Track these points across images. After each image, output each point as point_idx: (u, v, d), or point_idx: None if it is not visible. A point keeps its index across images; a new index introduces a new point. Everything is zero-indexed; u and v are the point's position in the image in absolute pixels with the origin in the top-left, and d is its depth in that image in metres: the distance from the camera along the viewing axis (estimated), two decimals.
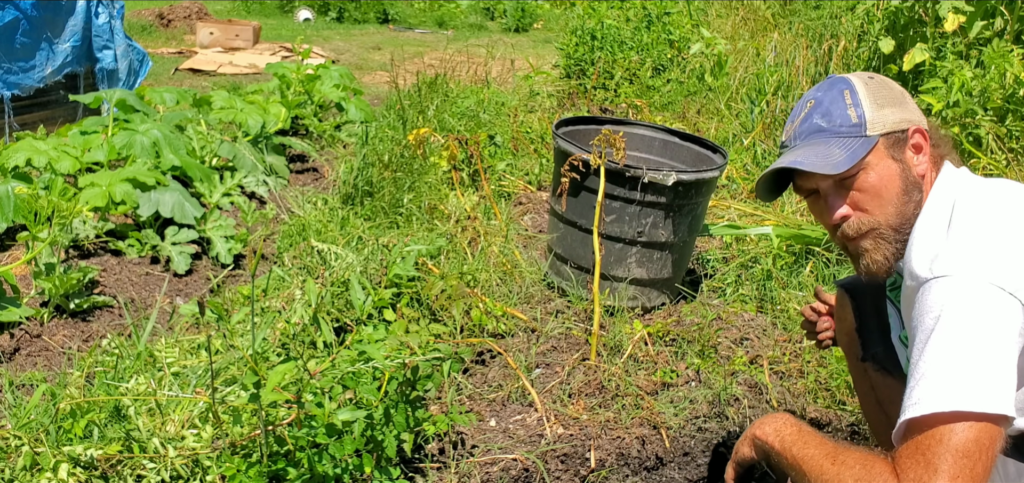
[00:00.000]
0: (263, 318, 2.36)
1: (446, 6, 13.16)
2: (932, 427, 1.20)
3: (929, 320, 1.26)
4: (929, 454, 1.18)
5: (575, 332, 2.75)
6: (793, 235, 3.23)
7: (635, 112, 5.43)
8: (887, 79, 1.53)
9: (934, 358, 1.23)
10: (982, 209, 1.37)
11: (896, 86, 1.52)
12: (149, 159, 3.45)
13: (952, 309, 1.24)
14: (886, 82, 1.52)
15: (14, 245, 3.13)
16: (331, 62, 6.40)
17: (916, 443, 1.21)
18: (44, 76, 4.59)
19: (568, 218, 2.95)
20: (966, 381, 1.20)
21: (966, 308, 1.24)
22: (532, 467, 2.07)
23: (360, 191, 3.62)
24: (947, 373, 1.21)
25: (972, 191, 1.42)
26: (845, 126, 1.47)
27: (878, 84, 1.50)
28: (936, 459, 1.18)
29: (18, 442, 1.67)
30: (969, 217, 1.35)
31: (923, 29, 4.49)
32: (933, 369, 1.23)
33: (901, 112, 1.47)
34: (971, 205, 1.38)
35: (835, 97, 1.50)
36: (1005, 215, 1.34)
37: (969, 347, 1.22)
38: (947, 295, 1.26)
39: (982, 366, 1.20)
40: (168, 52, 8.54)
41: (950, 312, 1.24)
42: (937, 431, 1.19)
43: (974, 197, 1.40)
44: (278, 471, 1.65)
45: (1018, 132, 3.68)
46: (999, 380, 1.20)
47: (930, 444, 1.19)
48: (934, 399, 1.20)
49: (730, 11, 7.66)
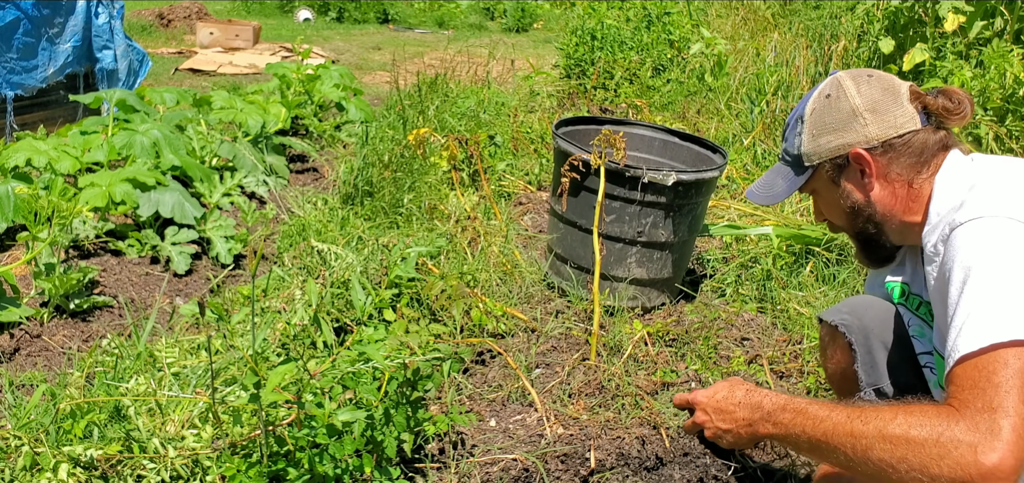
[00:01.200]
0: (263, 318, 2.36)
1: (446, 6, 13.17)
2: (985, 362, 1.16)
3: (963, 261, 1.26)
4: (989, 385, 1.14)
5: (575, 332, 2.75)
6: (793, 235, 3.23)
7: (635, 112, 5.43)
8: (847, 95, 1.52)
9: (975, 296, 1.22)
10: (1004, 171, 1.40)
11: (849, 105, 1.51)
12: (149, 159, 3.45)
13: (986, 246, 1.25)
14: (840, 101, 1.53)
15: (14, 245, 3.13)
16: (331, 62, 6.40)
17: (971, 379, 1.16)
18: (46, 76, 4.60)
19: (568, 218, 2.95)
20: (1013, 311, 1.17)
21: (1000, 243, 1.24)
22: (532, 467, 2.07)
23: (360, 191, 3.62)
24: (992, 307, 1.19)
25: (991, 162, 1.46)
26: (791, 155, 1.62)
27: (824, 107, 1.55)
28: (1000, 388, 1.13)
29: (18, 442, 1.67)
30: (992, 177, 1.39)
31: (923, 29, 4.49)
32: (977, 306, 1.20)
33: (841, 137, 1.52)
34: (993, 170, 1.41)
35: (792, 123, 1.62)
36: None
37: (1010, 278, 1.21)
38: (979, 235, 1.27)
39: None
40: (168, 52, 8.54)
41: (984, 249, 1.25)
42: (992, 363, 1.15)
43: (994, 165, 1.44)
44: (278, 471, 1.65)
45: (1018, 132, 3.68)
46: None
47: (988, 375, 1.15)
48: (983, 333, 1.17)
49: (730, 11, 7.66)
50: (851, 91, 1.52)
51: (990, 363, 1.15)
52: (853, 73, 1.57)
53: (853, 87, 1.52)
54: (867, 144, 1.49)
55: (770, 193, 1.63)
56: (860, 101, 1.51)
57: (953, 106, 1.47)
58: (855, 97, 1.51)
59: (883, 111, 1.50)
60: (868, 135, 1.49)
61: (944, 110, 1.48)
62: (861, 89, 1.52)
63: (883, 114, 1.49)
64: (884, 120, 1.49)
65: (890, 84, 1.52)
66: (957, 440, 1.13)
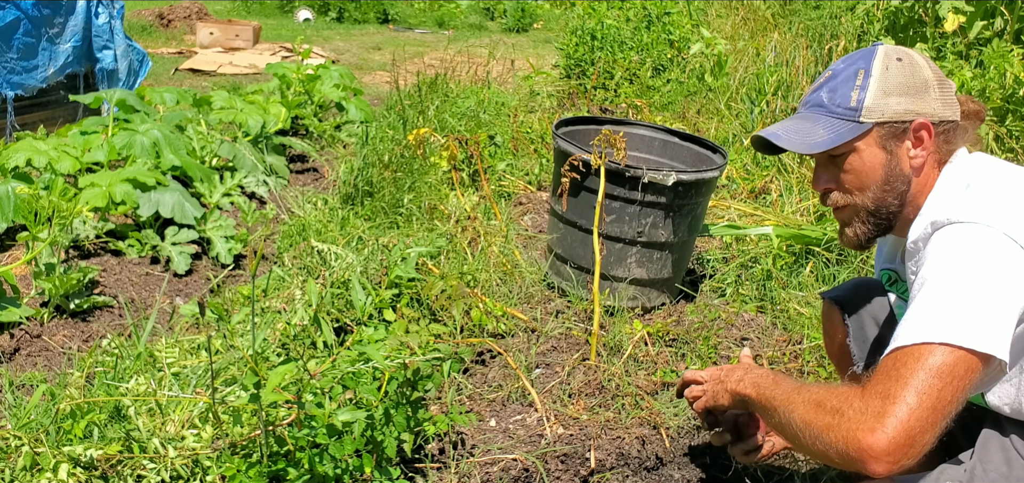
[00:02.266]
0: (263, 318, 2.36)
1: (446, 6, 13.16)
2: (904, 355, 1.23)
3: (934, 260, 1.29)
4: (897, 375, 1.21)
5: (575, 332, 2.75)
6: (793, 235, 3.23)
7: (635, 112, 5.43)
8: (920, 63, 1.50)
9: (926, 297, 1.27)
10: (1001, 177, 1.40)
11: (924, 73, 1.49)
12: (149, 159, 3.45)
13: (960, 249, 1.27)
14: (914, 66, 1.49)
15: (14, 245, 3.13)
16: (331, 62, 6.40)
17: (887, 368, 1.24)
18: (46, 76, 4.60)
19: (568, 218, 2.95)
20: (958, 316, 1.22)
21: (974, 249, 1.27)
22: (532, 467, 2.07)
23: (360, 191, 3.62)
24: (933, 309, 1.24)
25: (991, 165, 1.46)
26: (842, 107, 1.50)
27: (901, 68, 1.49)
28: (903, 379, 1.20)
29: (18, 442, 1.67)
30: (987, 182, 1.39)
31: (923, 29, 4.49)
32: (922, 307, 1.26)
33: (911, 103, 1.47)
34: (990, 174, 1.42)
35: (849, 76, 1.51)
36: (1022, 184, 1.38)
37: (969, 285, 1.24)
38: (958, 237, 1.29)
39: (978, 304, 1.23)
40: (168, 52, 8.54)
41: (957, 252, 1.27)
42: (908, 356, 1.22)
43: (993, 169, 1.44)
44: (278, 471, 1.65)
45: (1018, 132, 3.68)
46: (994, 320, 1.22)
47: (900, 366, 1.22)
48: (922, 330, 1.23)
49: (730, 11, 7.66)
50: (922, 63, 1.50)
51: (907, 356, 1.23)
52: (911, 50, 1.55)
53: (923, 61, 1.50)
54: (932, 117, 1.47)
55: (807, 140, 1.50)
56: (932, 75, 1.49)
57: (980, 111, 1.52)
58: (927, 70, 1.49)
59: (947, 92, 1.49)
60: (934, 110, 1.47)
61: (974, 113, 1.51)
62: (930, 65, 1.51)
63: (947, 94, 1.49)
64: (947, 101, 1.49)
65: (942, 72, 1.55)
66: (849, 416, 1.23)
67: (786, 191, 3.92)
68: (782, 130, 1.54)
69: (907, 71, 1.48)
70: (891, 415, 1.18)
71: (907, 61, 1.49)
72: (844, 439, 1.22)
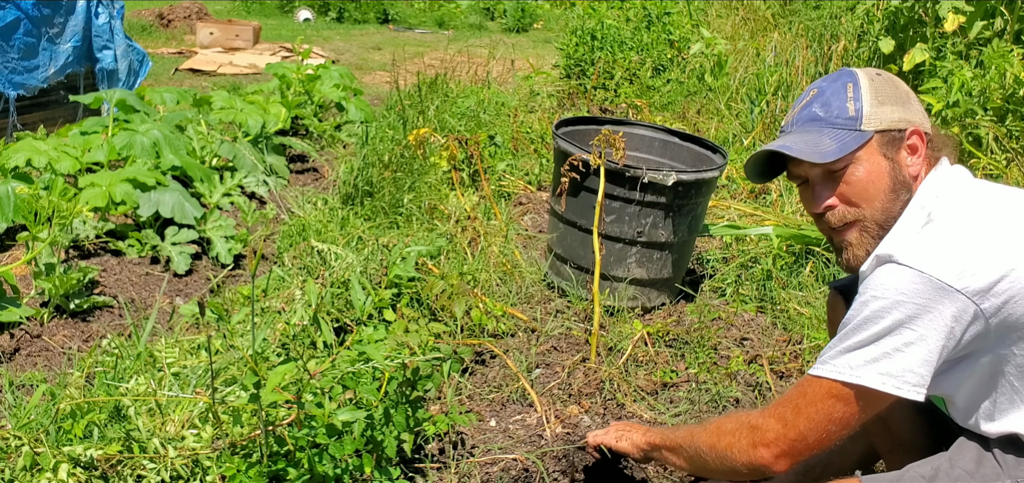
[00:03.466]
0: (263, 318, 2.36)
1: (446, 6, 13.16)
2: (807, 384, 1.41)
3: (863, 295, 1.38)
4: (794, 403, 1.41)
5: (575, 332, 2.75)
6: (793, 235, 3.23)
7: (635, 112, 5.43)
8: (895, 78, 1.54)
9: (844, 330, 1.38)
10: (959, 208, 1.40)
11: (903, 86, 1.53)
12: (149, 159, 3.45)
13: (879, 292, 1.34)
14: (893, 80, 1.53)
15: (14, 245, 3.13)
16: (331, 62, 6.40)
17: (790, 393, 1.43)
18: (47, 76, 4.60)
19: (568, 218, 2.95)
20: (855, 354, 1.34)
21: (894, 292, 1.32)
22: (532, 467, 2.07)
23: (360, 191, 3.62)
24: (844, 346, 1.36)
25: (958, 191, 1.45)
26: (841, 118, 1.48)
27: (884, 81, 1.51)
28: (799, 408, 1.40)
29: (18, 442, 1.67)
30: (944, 215, 1.40)
31: (923, 29, 4.49)
32: (837, 341, 1.38)
33: (902, 111, 1.47)
34: (950, 204, 1.41)
35: (838, 89, 1.51)
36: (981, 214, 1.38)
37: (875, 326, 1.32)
38: (888, 277, 1.34)
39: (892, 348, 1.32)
40: (168, 52, 8.54)
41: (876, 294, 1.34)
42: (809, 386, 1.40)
43: (957, 197, 1.43)
44: (278, 471, 1.65)
45: (1018, 132, 3.68)
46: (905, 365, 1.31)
47: (799, 394, 1.41)
48: (823, 366, 1.38)
49: (730, 11, 7.66)
50: (895, 79, 1.53)
51: (808, 386, 1.41)
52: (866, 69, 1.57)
53: (894, 78, 1.54)
54: (922, 126, 1.49)
55: (818, 149, 1.47)
56: (906, 88, 1.53)
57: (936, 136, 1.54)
58: (903, 84, 1.53)
59: (920, 106, 1.53)
60: (921, 120, 1.49)
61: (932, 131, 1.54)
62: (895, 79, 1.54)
63: (921, 108, 1.53)
64: (924, 114, 1.52)
65: None
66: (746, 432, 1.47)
67: (786, 191, 3.92)
68: (793, 141, 1.51)
69: (890, 83, 1.51)
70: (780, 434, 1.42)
71: (886, 75, 1.53)
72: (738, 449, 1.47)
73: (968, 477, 1.40)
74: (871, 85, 1.49)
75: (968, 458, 1.42)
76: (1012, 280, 1.28)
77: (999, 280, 1.28)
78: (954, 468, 1.41)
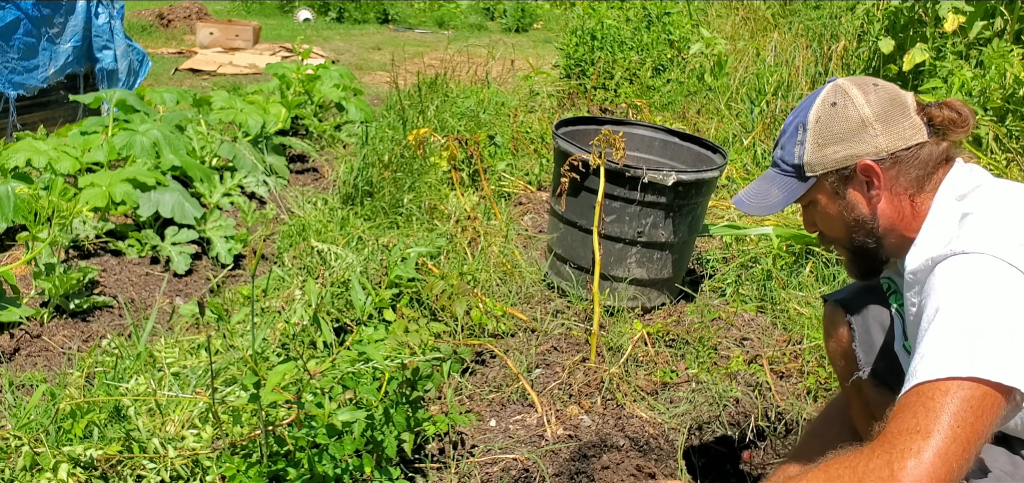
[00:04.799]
0: (263, 318, 2.36)
1: (446, 6, 13.16)
2: (929, 389, 1.18)
3: (942, 293, 1.26)
4: (923, 410, 1.16)
5: (575, 332, 2.75)
6: (793, 235, 3.23)
7: (635, 112, 5.43)
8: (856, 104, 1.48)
9: (940, 331, 1.22)
10: (998, 201, 1.38)
11: (859, 115, 1.47)
12: (149, 159, 3.45)
13: (961, 283, 1.25)
14: (848, 110, 1.48)
15: (14, 245, 3.13)
16: (331, 62, 6.40)
17: (910, 405, 1.18)
18: (47, 76, 4.60)
19: (568, 218, 2.95)
20: (970, 348, 1.18)
21: (976, 281, 1.24)
22: (532, 467, 2.07)
23: (360, 191, 3.62)
24: (951, 343, 1.20)
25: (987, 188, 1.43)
26: (789, 165, 1.54)
27: (831, 116, 1.48)
28: (932, 412, 1.15)
29: (18, 442, 1.67)
30: (985, 208, 1.36)
31: (923, 29, 4.49)
32: (939, 341, 1.21)
33: (849, 148, 1.46)
34: (987, 199, 1.39)
35: (792, 132, 1.54)
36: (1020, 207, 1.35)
37: (985, 317, 1.20)
38: (957, 271, 1.26)
39: (992, 334, 1.19)
40: (168, 52, 8.54)
41: (959, 287, 1.25)
42: (933, 391, 1.17)
43: (990, 192, 1.41)
44: (278, 471, 1.65)
45: (1018, 132, 3.68)
46: (1011, 350, 1.17)
47: (925, 401, 1.17)
48: (936, 367, 1.18)
49: (730, 11, 7.66)
50: (859, 100, 1.47)
51: (932, 391, 1.17)
52: (857, 80, 1.52)
53: (861, 96, 1.48)
54: (876, 155, 1.45)
55: (765, 203, 1.55)
56: (870, 111, 1.46)
57: (958, 118, 1.45)
58: (864, 106, 1.47)
59: (893, 121, 1.46)
60: (878, 146, 1.45)
61: (949, 122, 1.45)
62: (870, 98, 1.47)
63: (893, 124, 1.46)
64: (894, 131, 1.45)
65: (896, 94, 1.49)
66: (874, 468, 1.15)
67: None
68: (746, 196, 1.60)
69: (840, 116, 1.47)
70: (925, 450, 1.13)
71: (841, 104, 1.48)
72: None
73: (1008, 478, 1.38)
74: (816, 126, 1.49)
75: (1003, 460, 1.40)
76: None
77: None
78: (992, 467, 1.39)
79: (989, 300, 1.22)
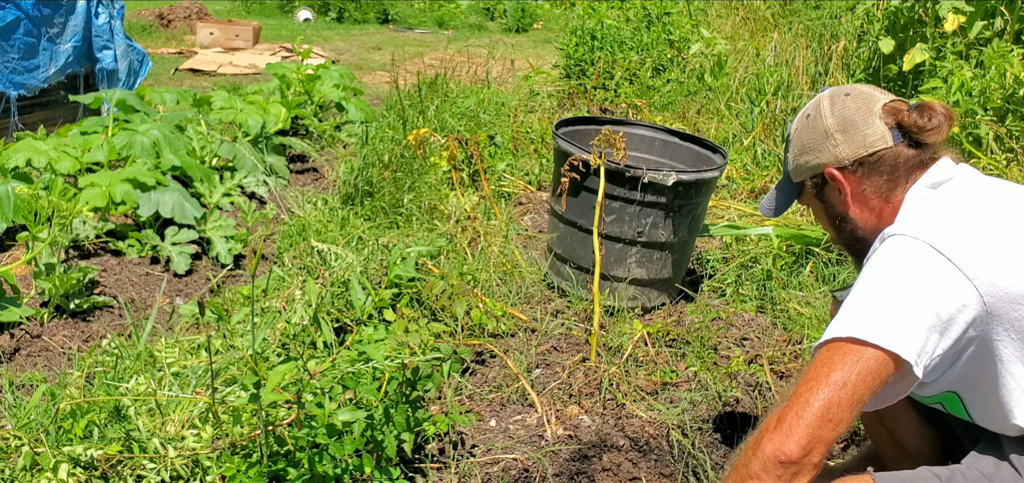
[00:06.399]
0: (263, 318, 2.36)
1: (446, 6, 13.16)
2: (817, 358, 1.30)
3: (863, 271, 1.37)
4: (815, 377, 1.27)
5: (575, 332, 2.75)
6: (793, 235, 3.23)
7: (635, 112, 5.43)
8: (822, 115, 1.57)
9: (851, 301, 1.33)
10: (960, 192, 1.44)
11: (823, 125, 1.56)
12: (149, 159, 3.45)
13: (882, 260, 1.35)
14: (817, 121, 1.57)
15: (14, 245, 3.13)
16: (331, 62, 6.40)
17: (810, 369, 1.30)
18: (47, 76, 4.60)
19: (568, 218, 2.95)
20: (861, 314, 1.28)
21: (895, 259, 1.33)
22: (532, 467, 2.07)
23: (360, 191, 3.62)
24: (858, 309, 1.30)
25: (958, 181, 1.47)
26: (784, 171, 1.70)
27: (804, 128, 1.61)
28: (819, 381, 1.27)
29: (18, 442, 1.67)
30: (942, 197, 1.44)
31: (923, 29, 4.49)
32: (849, 307, 1.32)
33: (815, 157, 1.57)
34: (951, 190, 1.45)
35: (785, 142, 1.72)
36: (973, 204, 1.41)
37: (878, 288, 1.30)
38: (886, 249, 1.36)
39: (884, 303, 1.28)
40: (168, 52, 8.54)
41: (879, 263, 1.35)
42: (830, 355, 1.28)
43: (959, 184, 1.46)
44: (278, 471, 1.65)
45: (1018, 132, 3.68)
46: (906, 322, 1.26)
47: (819, 367, 1.28)
48: (838, 328, 1.29)
49: (730, 11, 7.66)
50: (826, 111, 1.56)
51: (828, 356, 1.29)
52: (835, 91, 1.59)
53: (828, 107, 1.56)
54: (839, 163, 1.53)
55: (772, 206, 1.74)
56: (832, 121, 1.54)
57: (925, 122, 1.47)
58: (828, 117, 1.55)
59: (853, 130, 1.52)
60: (839, 155, 1.53)
61: (916, 126, 1.47)
62: (834, 109, 1.55)
63: (853, 133, 1.52)
64: (854, 139, 1.52)
65: (866, 101, 1.53)
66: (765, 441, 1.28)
67: None
68: (764, 201, 1.77)
69: (810, 127, 1.58)
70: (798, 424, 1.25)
71: (813, 116, 1.59)
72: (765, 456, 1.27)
73: (986, 479, 1.39)
74: (796, 137, 1.63)
75: (986, 463, 1.42)
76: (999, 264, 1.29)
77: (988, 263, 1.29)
78: (971, 471, 1.41)
79: (894, 275, 1.31)
